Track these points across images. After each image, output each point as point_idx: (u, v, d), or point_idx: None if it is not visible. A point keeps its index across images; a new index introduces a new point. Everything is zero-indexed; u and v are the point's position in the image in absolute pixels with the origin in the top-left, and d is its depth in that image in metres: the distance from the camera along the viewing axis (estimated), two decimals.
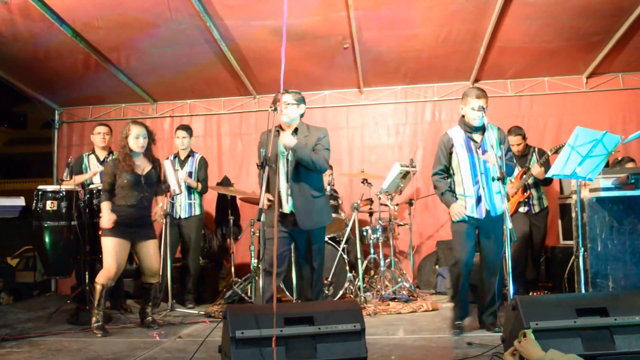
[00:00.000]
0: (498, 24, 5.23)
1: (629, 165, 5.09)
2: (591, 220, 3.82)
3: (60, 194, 4.54)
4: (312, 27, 5.26)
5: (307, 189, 3.77)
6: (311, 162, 3.69)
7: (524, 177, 5.09)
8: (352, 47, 5.60)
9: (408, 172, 5.54)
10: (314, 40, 5.51)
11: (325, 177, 5.55)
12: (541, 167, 4.94)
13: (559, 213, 5.54)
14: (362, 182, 5.61)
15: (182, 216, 5.42)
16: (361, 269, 5.13)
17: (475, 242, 3.93)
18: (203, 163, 5.57)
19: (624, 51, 5.72)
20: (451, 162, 3.91)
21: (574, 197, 3.90)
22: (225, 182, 6.26)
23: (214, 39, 5.38)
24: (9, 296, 6.99)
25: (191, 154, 5.56)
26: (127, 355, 3.55)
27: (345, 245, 5.34)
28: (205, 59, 5.84)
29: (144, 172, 4.34)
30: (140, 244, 4.34)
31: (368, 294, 5.25)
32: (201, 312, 4.97)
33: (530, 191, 5.15)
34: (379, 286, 5.33)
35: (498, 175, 3.44)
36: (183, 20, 5.11)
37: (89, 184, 5.14)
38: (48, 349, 3.81)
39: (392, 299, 5.17)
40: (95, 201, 4.73)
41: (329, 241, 5.14)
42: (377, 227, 5.45)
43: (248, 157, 6.76)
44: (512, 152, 5.03)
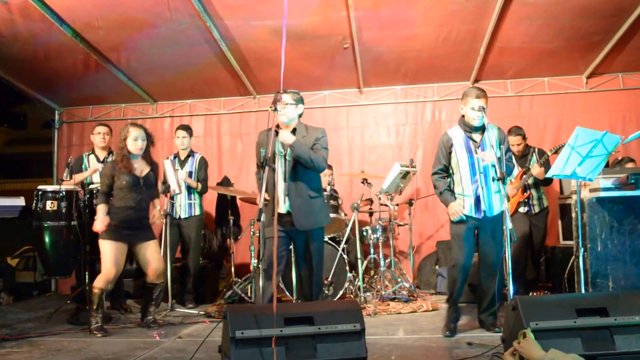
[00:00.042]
0: (498, 24, 5.23)
1: (629, 165, 5.09)
2: (591, 221, 3.82)
3: (60, 194, 4.53)
4: (312, 27, 5.26)
5: (305, 189, 3.73)
6: (309, 160, 3.65)
7: (523, 177, 5.09)
8: (352, 47, 5.60)
9: (408, 172, 5.54)
10: (314, 40, 5.51)
11: (325, 177, 5.56)
12: (541, 167, 4.95)
13: (559, 213, 5.54)
14: (362, 182, 5.61)
15: (182, 216, 5.42)
16: (361, 269, 5.13)
17: (474, 244, 3.93)
18: (203, 163, 5.58)
19: (624, 51, 5.72)
20: (450, 161, 3.91)
21: (574, 197, 3.90)
22: (225, 182, 6.27)
23: (214, 39, 5.39)
24: (9, 296, 7.01)
25: (191, 154, 5.56)
26: (127, 355, 3.55)
27: (345, 245, 5.34)
28: (205, 59, 5.85)
29: (142, 174, 4.33)
30: (140, 246, 4.33)
31: (368, 294, 5.25)
32: (201, 312, 4.97)
33: (530, 191, 5.15)
34: (379, 286, 5.33)
35: (498, 175, 3.45)
36: (183, 20, 5.11)
37: (88, 183, 5.15)
38: (48, 349, 3.81)
39: (392, 299, 5.16)
40: (95, 201, 4.71)
41: (329, 241, 5.14)
42: (377, 227, 5.45)
43: (248, 157, 6.76)
44: (511, 153, 5.06)
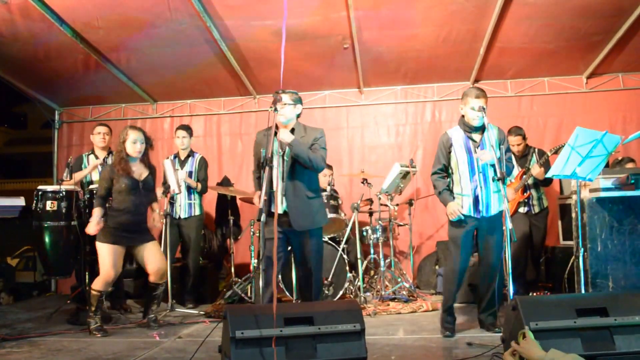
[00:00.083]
0: (498, 24, 5.23)
1: (629, 165, 5.09)
2: (591, 221, 3.81)
3: (60, 194, 4.53)
4: (312, 27, 5.26)
5: (303, 189, 3.70)
6: (308, 159, 3.63)
7: (523, 177, 5.09)
8: (352, 47, 5.60)
9: (408, 173, 5.54)
10: (314, 40, 5.51)
11: (325, 177, 5.56)
12: (541, 167, 4.95)
13: (559, 213, 5.53)
14: (362, 182, 5.62)
15: (182, 216, 5.42)
16: (361, 269, 5.13)
17: (471, 247, 3.95)
18: (203, 163, 5.58)
19: (624, 51, 5.72)
20: (450, 161, 3.91)
21: (574, 197, 3.90)
22: (225, 182, 6.27)
23: (214, 39, 5.39)
24: (9, 296, 7.01)
25: (191, 154, 5.56)
26: (127, 355, 3.55)
27: (345, 246, 5.34)
28: (205, 59, 5.84)
29: (141, 177, 4.33)
30: (138, 248, 4.32)
31: (368, 294, 5.25)
32: (201, 312, 4.97)
33: (530, 191, 5.15)
34: (379, 286, 5.33)
35: (498, 175, 3.45)
36: (183, 20, 5.11)
37: (88, 181, 5.15)
38: (48, 349, 3.81)
39: (392, 299, 5.16)
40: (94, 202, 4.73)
41: (329, 241, 5.14)
42: (377, 227, 5.45)
43: (248, 157, 6.75)
44: (511, 153, 5.06)
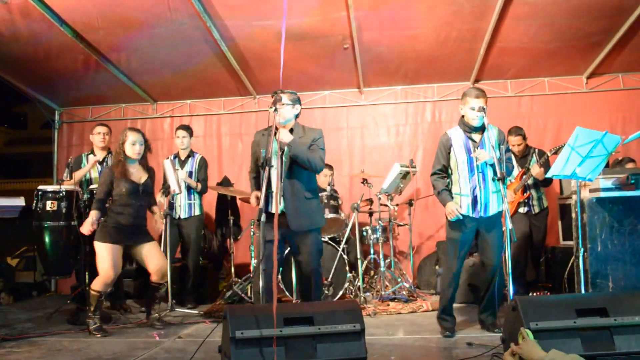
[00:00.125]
0: (498, 24, 5.23)
1: (629, 165, 5.09)
2: (591, 221, 3.82)
3: (60, 194, 4.54)
4: (312, 27, 5.26)
5: (301, 190, 3.70)
6: (306, 160, 3.62)
7: (523, 177, 5.09)
8: (352, 47, 5.60)
9: (408, 173, 5.54)
10: (314, 40, 5.50)
11: (325, 178, 5.56)
12: (541, 167, 4.95)
13: (559, 213, 5.54)
14: (362, 182, 5.62)
15: (182, 216, 5.42)
16: (361, 269, 5.13)
17: (469, 248, 3.97)
18: (203, 163, 5.58)
19: (624, 51, 5.72)
20: (449, 161, 3.91)
21: (574, 197, 3.90)
22: (225, 182, 6.27)
23: (214, 39, 5.38)
24: (9, 296, 7.00)
25: (191, 154, 5.56)
26: (127, 355, 3.55)
27: (345, 246, 5.34)
28: (205, 59, 5.84)
29: (141, 180, 4.33)
30: (138, 247, 4.32)
31: (368, 294, 5.25)
32: (201, 312, 4.97)
33: (530, 192, 5.15)
34: (378, 286, 5.33)
35: (498, 175, 3.45)
36: (183, 20, 5.11)
37: (88, 180, 5.14)
38: (48, 349, 3.81)
39: (392, 299, 5.16)
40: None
41: (329, 241, 5.14)
42: (377, 227, 5.45)
43: (248, 157, 6.64)
44: (511, 153, 5.06)
